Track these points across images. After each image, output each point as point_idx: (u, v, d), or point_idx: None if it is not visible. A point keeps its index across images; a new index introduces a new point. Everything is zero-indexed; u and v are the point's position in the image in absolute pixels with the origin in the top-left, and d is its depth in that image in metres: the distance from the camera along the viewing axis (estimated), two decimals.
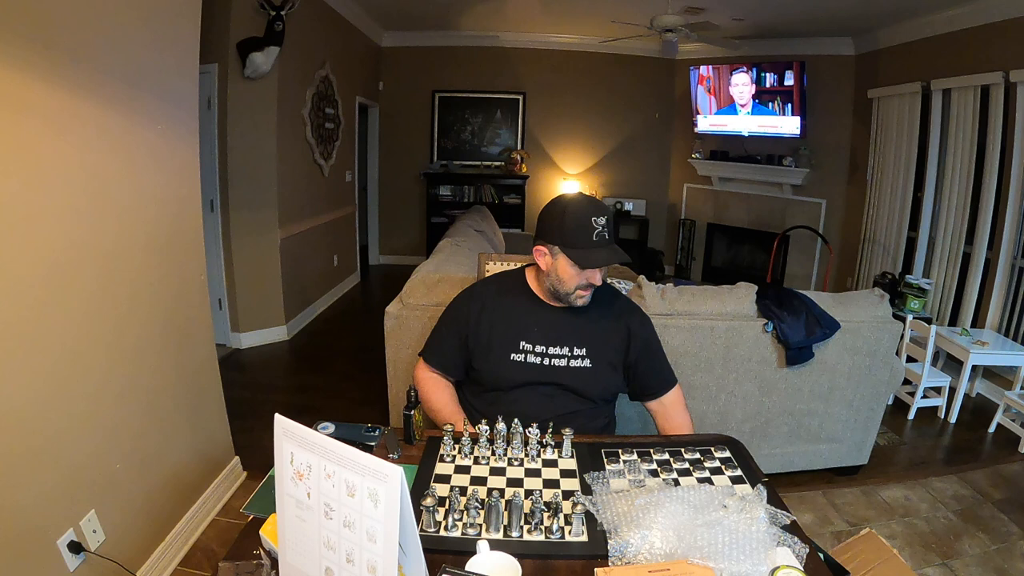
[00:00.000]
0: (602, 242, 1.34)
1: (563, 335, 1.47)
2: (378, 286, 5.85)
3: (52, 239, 1.44)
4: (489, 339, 1.48)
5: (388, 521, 0.70)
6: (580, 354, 1.47)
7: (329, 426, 1.30)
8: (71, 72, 1.45)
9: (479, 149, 6.38)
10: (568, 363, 1.46)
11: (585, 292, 1.42)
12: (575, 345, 1.47)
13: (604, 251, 1.35)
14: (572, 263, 1.36)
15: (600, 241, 1.34)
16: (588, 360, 1.47)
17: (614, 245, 1.37)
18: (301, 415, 0.81)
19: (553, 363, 1.46)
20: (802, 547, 0.93)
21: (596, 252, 1.34)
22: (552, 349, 1.46)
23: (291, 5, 3.41)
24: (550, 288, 1.45)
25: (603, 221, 1.34)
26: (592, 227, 1.33)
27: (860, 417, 2.44)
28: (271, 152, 3.74)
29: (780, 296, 2.33)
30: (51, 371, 1.45)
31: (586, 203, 1.36)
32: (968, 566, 2.01)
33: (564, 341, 1.47)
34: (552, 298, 1.47)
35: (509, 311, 1.50)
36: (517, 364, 1.46)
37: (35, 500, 1.40)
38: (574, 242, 1.35)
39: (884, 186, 4.53)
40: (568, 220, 1.35)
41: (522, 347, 1.46)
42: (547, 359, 1.46)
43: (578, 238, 1.34)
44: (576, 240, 1.34)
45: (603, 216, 1.34)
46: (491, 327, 1.49)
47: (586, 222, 1.33)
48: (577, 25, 5.54)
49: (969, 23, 3.70)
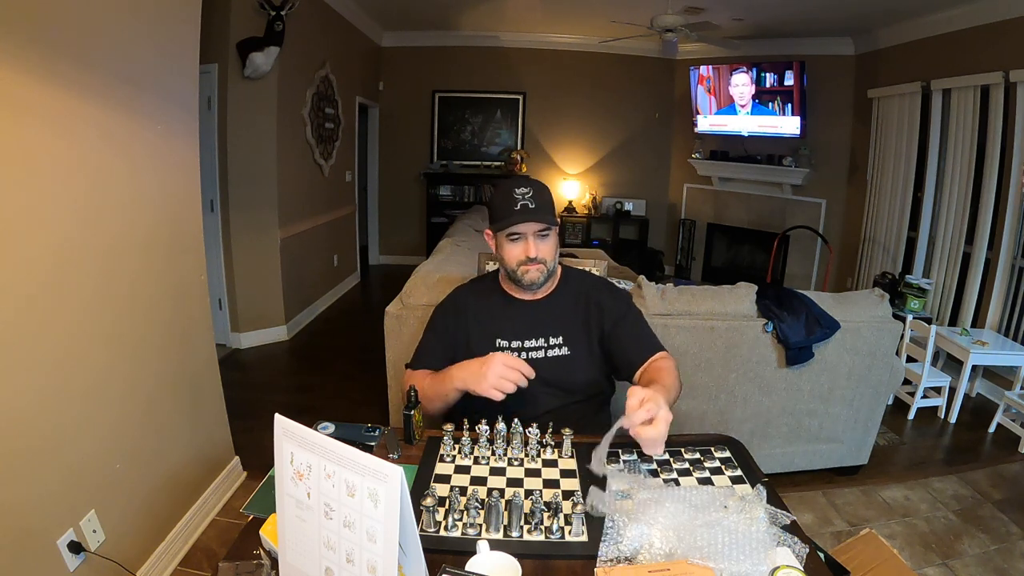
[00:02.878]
0: (524, 210, 1.36)
1: (537, 326, 1.47)
2: (378, 286, 5.85)
3: (52, 239, 1.44)
4: (468, 343, 1.48)
5: (388, 521, 0.70)
6: (557, 343, 1.46)
7: (329, 426, 1.30)
8: (71, 72, 1.46)
9: (479, 149, 6.38)
10: (546, 354, 1.46)
11: (529, 267, 1.41)
12: (550, 335, 1.47)
13: (522, 216, 1.36)
14: (504, 237, 1.40)
15: (522, 210, 1.36)
16: (566, 348, 1.46)
17: (539, 213, 1.37)
18: (301, 415, 0.81)
19: (531, 356, 1.45)
20: (802, 547, 0.93)
21: (515, 217, 1.37)
22: (528, 342, 1.46)
23: (291, 5, 3.41)
24: (507, 273, 1.47)
25: (525, 191, 1.36)
26: (514, 198, 1.37)
27: (860, 417, 2.44)
28: (271, 152, 3.74)
29: (780, 296, 2.33)
30: (51, 371, 1.45)
31: (511, 181, 1.41)
32: (968, 566, 2.01)
33: (539, 332, 1.47)
34: (514, 287, 1.48)
35: (483, 312, 1.50)
36: None
37: (35, 500, 1.41)
38: (499, 215, 1.39)
39: (884, 186, 4.53)
40: (495, 199, 1.42)
41: (498, 344, 1.46)
42: (524, 352, 1.45)
43: (503, 211, 1.38)
44: (501, 213, 1.39)
45: (527, 187, 1.37)
46: (468, 332, 1.49)
47: (508, 195, 1.38)
48: (577, 25, 5.54)
49: (969, 23, 3.70)
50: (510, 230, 1.38)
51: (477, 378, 1.27)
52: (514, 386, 1.25)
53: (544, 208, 1.39)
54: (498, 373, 1.25)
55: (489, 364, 1.26)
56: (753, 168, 5.59)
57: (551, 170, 6.40)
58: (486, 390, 1.25)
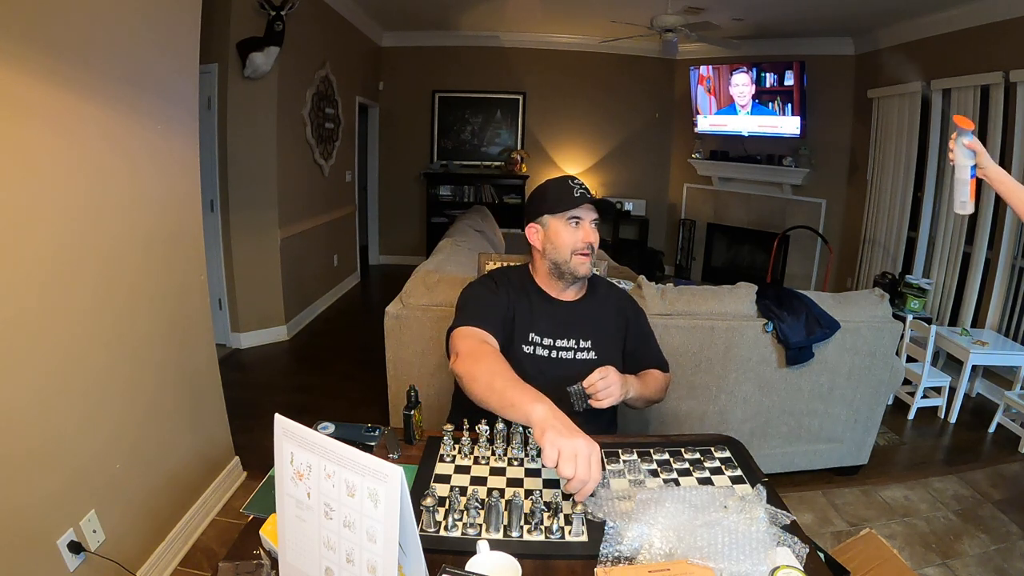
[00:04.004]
0: (583, 198, 1.44)
1: (569, 328, 1.49)
2: (378, 286, 5.85)
3: (52, 239, 1.44)
4: (511, 324, 1.47)
5: (388, 521, 0.70)
6: (586, 346, 1.49)
7: (329, 426, 1.30)
8: (71, 72, 1.46)
9: (479, 149, 6.38)
10: (575, 355, 1.48)
11: (584, 257, 1.45)
12: (581, 337, 1.49)
13: (587, 202, 1.44)
14: (563, 221, 1.44)
15: (581, 197, 1.44)
16: (593, 352, 1.49)
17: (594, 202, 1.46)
18: (301, 415, 0.81)
19: (560, 355, 1.47)
20: (802, 547, 0.93)
21: (578, 202, 1.43)
22: (560, 342, 1.48)
23: (291, 5, 3.41)
24: (550, 266, 1.48)
25: (579, 183, 1.47)
26: (571, 187, 1.45)
27: (860, 417, 2.44)
28: (271, 152, 3.74)
29: (780, 296, 2.33)
30: (51, 371, 1.45)
31: (561, 178, 1.50)
32: (968, 566, 2.01)
33: (570, 334, 1.49)
34: (556, 279, 1.50)
35: (521, 302, 1.51)
36: (527, 356, 1.46)
37: (35, 500, 1.41)
38: (558, 203, 1.45)
39: (884, 186, 4.53)
40: (550, 189, 1.48)
41: (531, 339, 1.48)
42: (554, 351, 1.47)
43: (561, 199, 1.44)
44: (560, 201, 1.45)
45: (578, 181, 1.48)
46: (513, 313, 1.48)
47: (565, 186, 1.46)
48: (577, 25, 5.54)
49: (969, 23, 3.70)
50: (572, 212, 1.44)
51: (562, 440, 0.99)
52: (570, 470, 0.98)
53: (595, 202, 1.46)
54: (579, 456, 0.98)
55: (577, 444, 0.98)
56: (753, 168, 5.59)
57: (551, 170, 6.40)
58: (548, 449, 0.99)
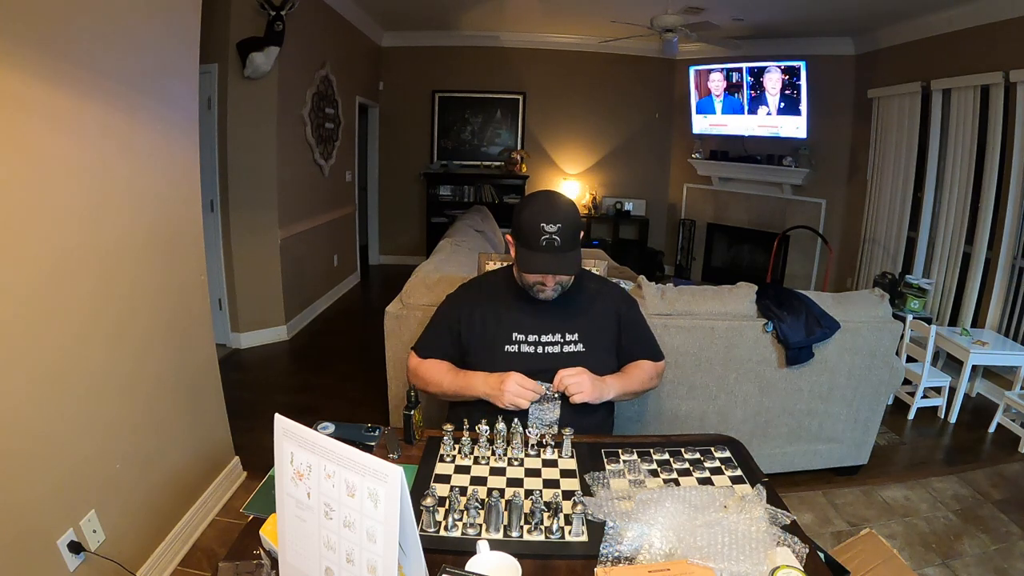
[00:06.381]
0: (549, 248, 1.34)
1: (554, 322, 1.49)
2: (378, 286, 5.85)
3: (52, 239, 1.44)
4: (482, 333, 1.51)
5: (388, 521, 0.70)
6: (572, 339, 1.49)
7: (329, 426, 1.30)
8: (72, 72, 1.45)
9: (479, 149, 6.38)
10: (562, 349, 1.48)
11: (545, 287, 1.44)
12: (567, 331, 1.49)
13: (548, 257, 1.35)
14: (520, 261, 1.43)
15: (548, 247, 1.34)
16: (581, 345, 1.49)
17: (564, 253, 1.35)
18: (301, 415, 0.81)
19: (547, 351, 1.48)
20: (802, 547, 0.93)
21: (539, 257, 1.35)
22: (544, 337, 1.48)
23: (291, 5, 3.41)
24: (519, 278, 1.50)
25: (553, 228, 1.33)
26: (540, 232, 1.33)
27: (860, 417, 2.44)
28: (271, 152, 3.74)
29: (780, 296, 2.33)
30: (51, 371, 1.45)
31: (541, 206, 1.37)
32: (968, 566, 2.01)
33: (555, 328, 1.49)
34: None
35: (499, 306, 1.52)
36: (511, 355, 1.47)
37: (35, 500, 1.40)
38: (525, 242, 1.38)
39: (884, 186, 4.53)
40: (523, 220, 1.38)
41: (515, 338, 1.48)
42: (540, 347, 1.48)
43: (528, 240, 1.36)
44: (527, 241, 1.37)
45: (554, 223, 1.33)
46: (483, 322, 1.51)
47: (535, 226, 1.34)
48: (577, 25, 5.54)
49: (969, 23, 3.70)
50: (530, 278, 1.43)
51: (497, 394, 1.40)
52: (527, 402, 1.39)
53: (568, 245, 1.36)
54: (513, 392, 1.37)
55: (506, 384, 1.38)
56: (753, 168, 5.59)
57: (551, 170, 6.41)
58: (505, 405, 1.39)
